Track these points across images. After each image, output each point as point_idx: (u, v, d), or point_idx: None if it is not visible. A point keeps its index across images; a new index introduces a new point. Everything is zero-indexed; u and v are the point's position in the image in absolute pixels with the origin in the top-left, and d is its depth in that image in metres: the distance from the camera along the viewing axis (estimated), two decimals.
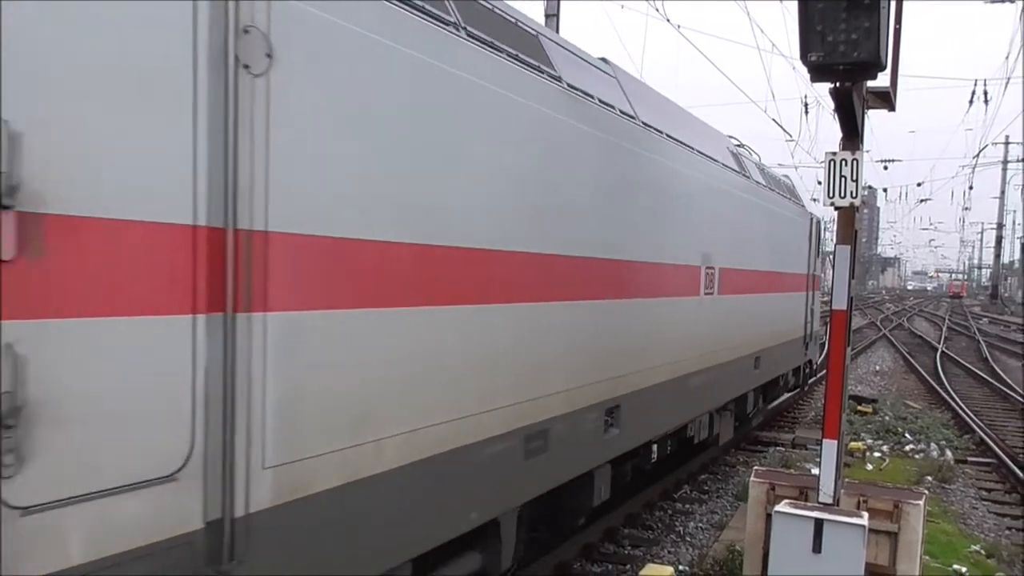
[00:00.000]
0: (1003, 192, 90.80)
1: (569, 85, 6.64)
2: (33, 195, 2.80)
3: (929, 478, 13.08)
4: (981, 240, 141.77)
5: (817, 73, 5.38)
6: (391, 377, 4.55)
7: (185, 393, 3.36)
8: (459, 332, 5.15)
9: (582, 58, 7.59)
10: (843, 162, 5.88)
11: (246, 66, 3.55)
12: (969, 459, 14.81)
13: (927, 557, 8.38)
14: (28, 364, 2.80)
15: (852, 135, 5.93)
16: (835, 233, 6.48)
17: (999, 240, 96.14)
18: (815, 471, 6.62)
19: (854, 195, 5.87)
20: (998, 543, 10.33)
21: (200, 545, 3.44)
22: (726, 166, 10.93)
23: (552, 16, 12.57)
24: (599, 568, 8.95)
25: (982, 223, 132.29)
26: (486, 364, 5.47)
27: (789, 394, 18.69)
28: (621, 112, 7.65)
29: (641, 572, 7.81)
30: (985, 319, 64.70)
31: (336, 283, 4.14)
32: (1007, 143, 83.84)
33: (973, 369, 27.78)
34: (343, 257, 4.17)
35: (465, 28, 5.27)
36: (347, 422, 4.24)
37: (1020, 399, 21.18)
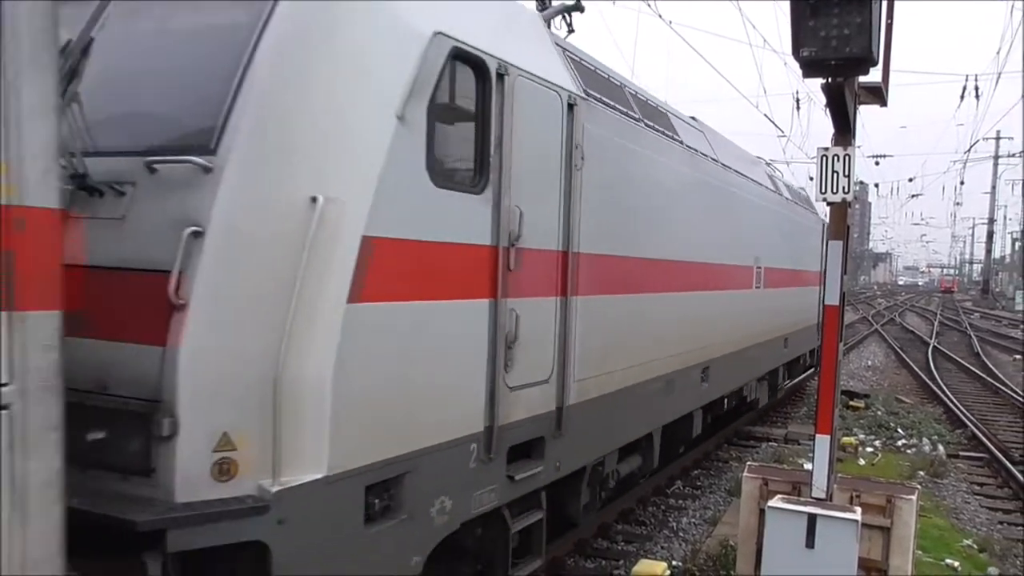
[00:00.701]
0: (994, 187, 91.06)
1: (685, 144, 9.64)
2: (519, 240, 5.86)
3: (921, 473, 13.14)
4: (972, 235, 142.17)
5: (809, 68, 5.39)
6: (620, 334, 7.79)
7: (552, 339, 6.48)
8: (642, 309, 8.35)
9: (683, 119, 10.55)
10: (835, 158, 5.89)
11: (575, 166, 6.63)
12: (961, 454, 14.88)
13: (920, 551, 8.42)
14: (518, 319, 5.87)
15: (844, 130, 5.94)
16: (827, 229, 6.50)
17: (990, 235, 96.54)
18: (808, 466, 6.64)
19: (846, 191, 5.88)
20: (990, 537, 10.39)
21: (552, 418, 6.55)
22: (765, 186, 14.11)
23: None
24: (592, 564, 8.97)
25: (973, 218, 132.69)
26: (653, 332, 8.72)
27: (806, 372, 21.02)
28: (707, 156, 10.59)
29: (634, 568, 7.83)
30: (977, 314, 65.00)
31: (599, 280, 7.22)
32: (998, 138, 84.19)
33: (965, 364, 27.89)
34: (603, 265, 7.29)
35: (643, 120, 8.42)
36: (601, 361, 7.35)
37: (1011, 394, 21.28)
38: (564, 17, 8.91)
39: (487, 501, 5.75)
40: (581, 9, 9.03)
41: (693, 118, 11.29)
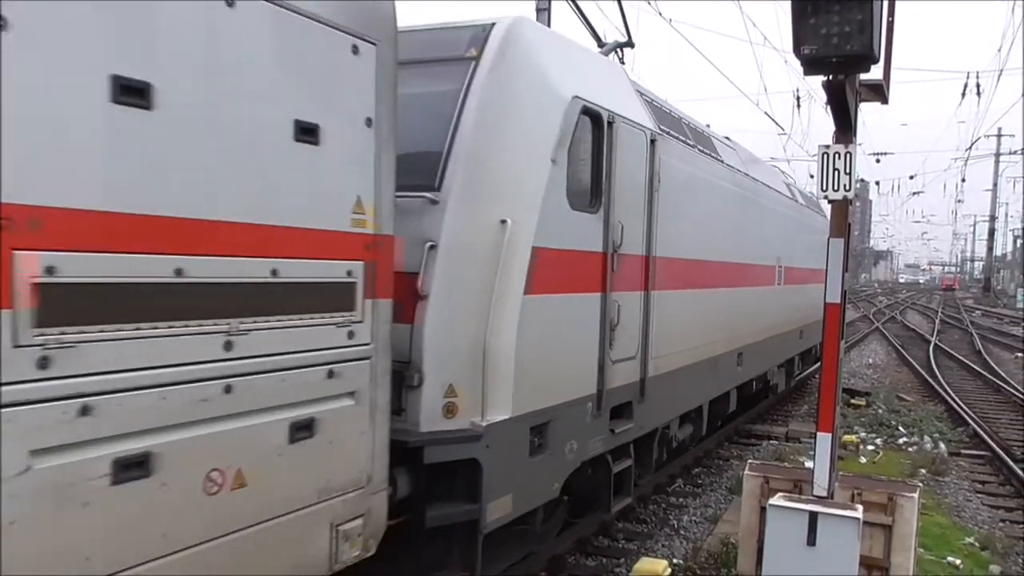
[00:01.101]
0: (995, 184, 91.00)
1: (724, 162, 11.41)
2: (620, 247, 7.53)
3: (923, 471, 13.14)
4: (974, 233, 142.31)
5: (810, 66, 5.40)
6: (681, 322, 9.56)
7: (638, 325, 8.22)
8: (696, 302, 10.13)
9: (721, 140, 12.40)
10: (836, 155, 5.89)
11: (655, 188, 8.42)
12: (962, 452, 14.87)
13: (921, 549, 8.43)
14: (619, 308, 7.60)
15: (845, 128, 5.94)
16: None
17: (992, 232, 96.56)
18: (809, 464, 6.65)
19: (847, 188, 5.89)
20: (992, 535, 10.39)
21: (637, 387, 8.27)
22: (783, 193, 15.84)
23: (543, 10, 12.51)
24: (593, 562, 8.98)
25: (975, 215, 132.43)
26: (704, 321, 10.57)
27: (817, 364, 21.80)
28: (740, 171, 12.33)
29: (635, 566, 7.84)
30: (978, 312, 64.96)
31: (668, 278, 8.90)
32: (999, 135, 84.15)
33: (966, 362, 27.89)
34: (670, 266, 8.98)
35: (696, 146, 10.12)
36: (669, 343, 9.09)
37: (1013, 392, 21.29)
38: (616, 52, 10.64)
39: (597, 447, 7.61)
40: (632, 45, 10.67)
41: (727, 137, 13.45)
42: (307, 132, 4.44)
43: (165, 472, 3.69)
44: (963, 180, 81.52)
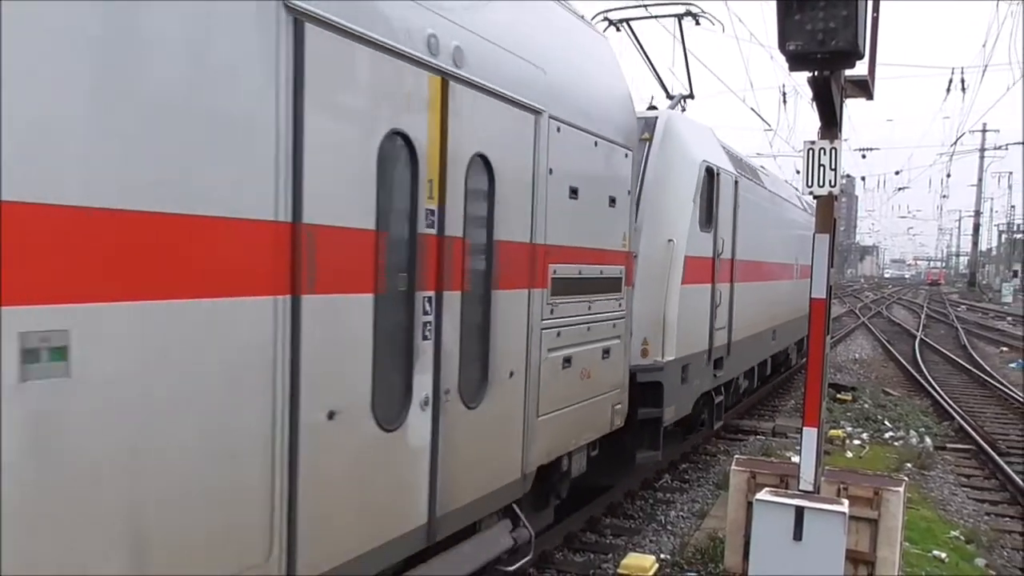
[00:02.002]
0: (980, 179, 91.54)
1: (765, 187, 15.57)
2: (721, 253, 11.99)
3: (909, 465, 13.22)
4: (959, 228, 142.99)
5: (795, 62, 5.41)
6: (747, 305, 13.47)
7: (727, 306, 12.42)
8: (753, 291, 14.08)
9: (758, 169, 16.45)
10: (822, 151, 5.91)
11: (737, 213, 12.74)
12: (948, 446, 14.98)
13: (907, 543, 8.48)
14: (720, 294, 12.04)
15: (830, 124, 5.96)
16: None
17: (976, 228, 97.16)
18: (795, 459, 6.67)
19: (833, 184, 5.91)
20: (977, 529, 10.47)
21: (725, 348, 12.49)
22: (794, 203, 19.36)
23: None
24: (581, 558, 9.00)
25: (960, 211, 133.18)
26: (757, 305, 14.48)
27: None
28: (771, 191, 16.34)
29: (623, 561, 7.87)
30: (963, 306, 65.31)
31: (741, 274, 12.95)
32: (984, 131, 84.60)
33: (952, 356, 28.07)
34: (743, 266, 13.08)
35: (753, 179, 13.97)
36: (741, 319, 13.15)
37: (998, 386, 21.44)
38: (681, 104, 13.01)
39: (707, 385, 11.93)
40: (693, 97, 13.20)
41: (762, 167, 17.70)
42: (612, 201, 8.12)
43: (573, 365, 7.37)
44: (948, 175, 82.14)
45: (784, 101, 34.80)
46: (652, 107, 11.53)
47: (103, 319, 3.23)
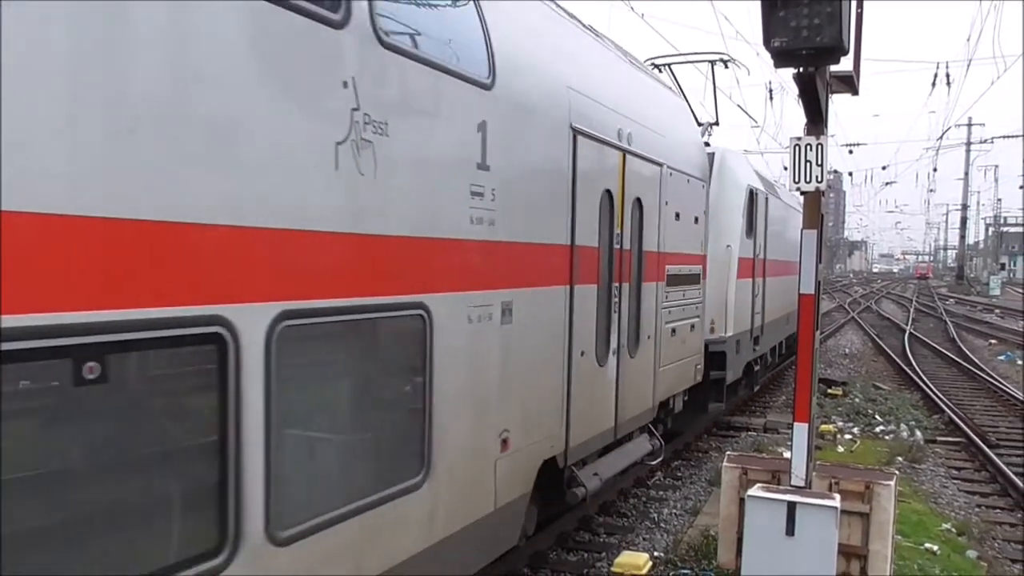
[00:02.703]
0: (967, 173, 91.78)
1: (780, 198, 19.35)
2: (758, 254, 16.43)
3: (900, 458, 13.27)
4: (946, 221, 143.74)
5: (780, 59, 5.43)
6: (772, 296, 17.86)
7: (761, 295, 16.72)
8: (776, 284, 18.33)
9: (773, 182, 20.95)
10: (808, 147, 5.93)
11: (767, 222, 17.12)
12: (939, 439, 15.04)
13: (899, 536, 8.51)
14: (759, 286, 16.50)
15: (816, 120, 5.98)
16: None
17: (964, 221, 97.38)
18: (787, 455, 6.70)
19: (819, 179, 5.93)
20: (968, 521, 10.51)
21: (760, 329, 16.67)
22: (798, 209, 23.42)
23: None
24: (575, 557, 9.00)
25: (947, 204, 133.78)
26: (779, 295, 18.55)
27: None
28: (781, 199, 19.54)
29: (616, 560, 7.87)
30: (952, 300, 65.63)
31: (768, 270, 17.28)
32: (970, 124, 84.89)
33: (941, 350, 28.19)
34: (770, 264, 17.46)
35: (771, 193, 18.10)
36: (771, 305, 17.68)
37: (987, 379, 21.54)
38: (707, 131, 15.11)
39: (750, 356, 15.57)
40: (718, 124, 15.53)
41: (777, 180, 23.45)
42: (695, 219, 11.22)
43: (676, 335, 10.64)
44: (935, 170, 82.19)
45: (770, 98, 34.93)
46: (706, 143, 14.72)
47: (522, 296, 6.39)
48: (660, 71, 14.52)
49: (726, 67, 15.81)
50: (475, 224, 5.71)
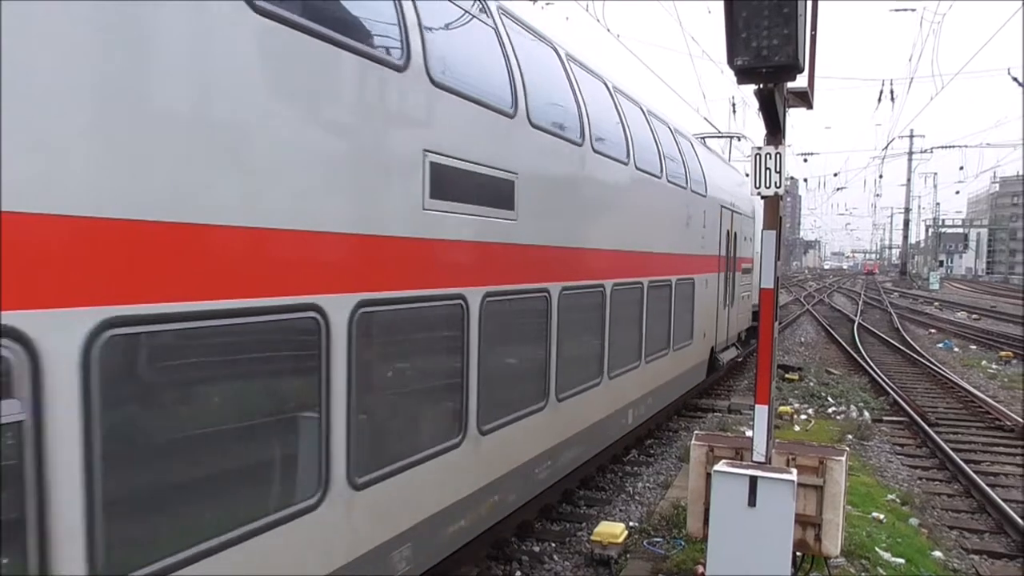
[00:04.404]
0: (909, 179, 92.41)
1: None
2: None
3: (850, 436, 13.34)
4: (891, 223, 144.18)
5: (743, 76, 5.42)
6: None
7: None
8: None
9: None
10: (768, 155, 5.92)
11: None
12: (884, 419, 15.13)
13: (849, 507, 8.55)
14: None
15: (775, 131, 5.97)
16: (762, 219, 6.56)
17: (907, 223, 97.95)
18: (749, 433, 6.70)
19: (778, 185, 5.93)
20: (911, 492, 10.58)
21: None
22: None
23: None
24: (558, 527, 9.01)
25: (891, 208, 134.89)
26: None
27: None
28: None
29: (596, 529, 7.88)
30: (896, 293, 65.94)
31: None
32: (912, 136, 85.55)
33: (886, 338, 28.32)
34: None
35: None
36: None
37: (928, 364, 21.66)
38: (730, 142, 21.03)
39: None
40: (740, 139, 21.54)
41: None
42: (746, 239, 19.80)
43: (743, 300, 19.37)
44: (881, 176, 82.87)
45: (734, 111, 35.01)
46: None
47: (712, 278, 15.18)
48: (704, 141, 19.24)
49: (739, 140, 25.08)
50: (694, 245, 13.52)
